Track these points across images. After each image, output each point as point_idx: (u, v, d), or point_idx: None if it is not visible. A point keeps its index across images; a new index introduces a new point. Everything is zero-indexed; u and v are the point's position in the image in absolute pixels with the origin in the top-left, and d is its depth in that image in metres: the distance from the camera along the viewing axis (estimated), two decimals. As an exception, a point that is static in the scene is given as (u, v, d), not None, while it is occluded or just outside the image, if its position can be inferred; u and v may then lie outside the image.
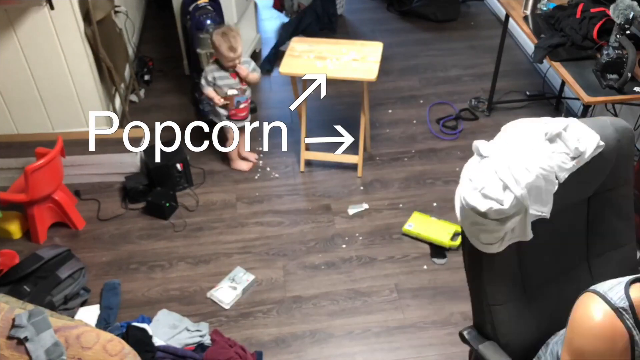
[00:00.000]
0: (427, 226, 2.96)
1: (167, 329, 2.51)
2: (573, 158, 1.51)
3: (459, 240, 2.91)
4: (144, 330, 2.38)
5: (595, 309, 1.31)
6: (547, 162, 1.48)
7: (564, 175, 1.50)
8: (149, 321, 2.55)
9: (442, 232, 2.92)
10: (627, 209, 1.71)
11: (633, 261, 1.79)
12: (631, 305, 1.31)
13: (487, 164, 1.49)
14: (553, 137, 1.51)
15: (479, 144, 1.55)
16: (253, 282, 2.77)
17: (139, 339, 2.31)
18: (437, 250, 2.89)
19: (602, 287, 1.36)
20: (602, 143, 1.54)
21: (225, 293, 2.72)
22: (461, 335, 1.76)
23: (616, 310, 1.30)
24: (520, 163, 1.45)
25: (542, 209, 1.49)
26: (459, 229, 2.95)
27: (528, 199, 1.44)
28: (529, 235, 1.51)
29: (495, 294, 1.61)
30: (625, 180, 1.67)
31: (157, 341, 2.40)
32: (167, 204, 3.08)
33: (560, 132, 1.51)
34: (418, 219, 3.00)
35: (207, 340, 2.48)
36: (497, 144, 1.53)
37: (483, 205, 1.44)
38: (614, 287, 1.35)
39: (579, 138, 1.52)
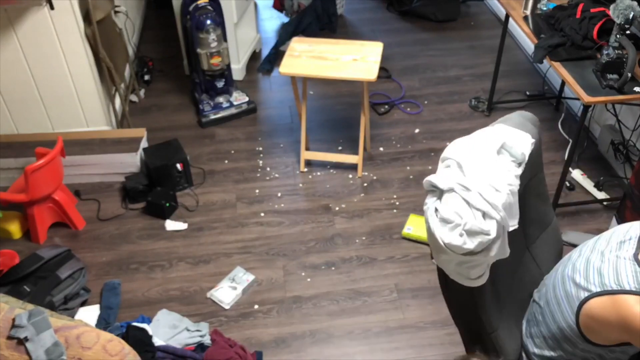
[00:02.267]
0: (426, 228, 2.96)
1: (167, 329, 2.51)
2: (519, 164, 1.51)
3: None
4: (144, 330, 2.38)
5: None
6: (509, 176, 1.45)
7: (518, 183, 1.48)
8: (149, 321, 2.55)
9: (442, 232, 2.92)
10: (545, 191, 1.77)
11: (558, 236, 1.88)
12: None
13: (454, 198, 1.40)
14: (499, 149, 1.49)
15: (433, 180, 1.46)
16: (253, 282, 2.77)
17: (139, 339, 2.31)
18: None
19: (614, 282, 1.37)
20: (533, 140, 1.56)
21: (225, 293, 2.72)
22: None
23: None
24: (488, 186, 1.40)
25: (514, 222, 1.46)
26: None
27: (506, 218, 1.41)
28: (508, 251, 1.47)
29: (491, 321, 1.60)
30: (541, 165, 1.71)
31: (157, 341, 2.40)
32: (167, 204, 3.08)
33: (505, 143, 1.49)
34: (415, 222, 3.00)
35: (207, 340, 2.48)
36: (452, 173, 1.45)
37: (471, 243, 1.36)
38: (622, 274, 1.36)
39: (518, 143, 1.52)
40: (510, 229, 1.44)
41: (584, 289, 1.43)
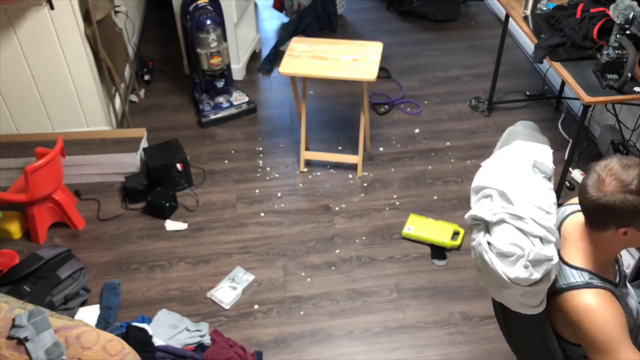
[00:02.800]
0: (426, 228, 2.96)
1: (167, 329, 2.51)
2: (549, 178, 1.48)
3: (459, 240, 2.91)
4: (144, 330, 2.38)
5: (585, 299, 1.37)
6: (551, 195, 1.42)
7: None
8: (149, 321, 2.55)
9: (441, 232, 2.92)
10: None
11: None
12: (588, 270, 1.41)
13: (506, 229, 1.35)
14: (533, 168, 1.46)
15: (478, 214, 1.40)
16: (253, 282, 2.77)
17: (139, 339, 2.31)
18: (438, 252, 2.89)
19: (561, 282, 1.40)
20: (552, 150, 1.54)
21: (225, 293, 2.72)
22: None
23: (588, 284, 1.39)
24: (538, 210, 1.36)
25: None
26: (458, 228, 2.96)
27: (559, 238, 1.38)
28: (557, 270, 1.44)
29: (553, 342, 1.57)
30: None
31: (157, 341, 2.40)
32: (167, 204, 3.08)
33: (535, 160, 1.47)
34: (415, 222, 3.00)
35: (207, 340, 2.48)
36: (497, 203, 1.40)
37: (538, 273, 1.32)
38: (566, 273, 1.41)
39: (545, 157, 1.49)
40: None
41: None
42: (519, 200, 1.37)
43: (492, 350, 2.48)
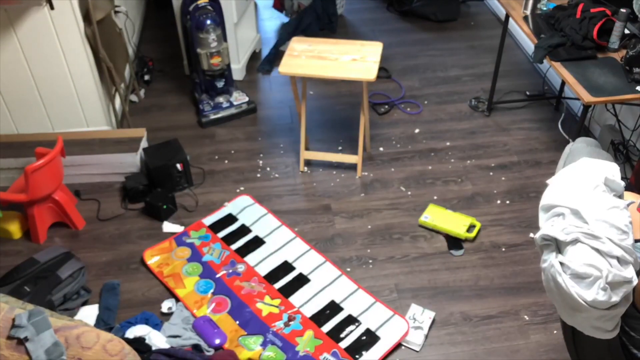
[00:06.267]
0: (443, 218, 2.97)
1: (181, 322, 2.52)
2: (619, 196, 1.41)
3: (474, 232, 2.93)
4: (141, 341, 2.37)
5: None
6: (625, 213, 1.35)
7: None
8: (151, 316, 2.55)
9: (458, 224, 2.94)
10: None
11: None
12: None
13: (581, 249, 1.29)
14: (605, 186, 1.40)
15: (550, 233, 1.33)
16: (253, 282, 2.77)
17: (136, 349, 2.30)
18: (454, 242, 2.89)
19: None
20: (618, 167, 1.47)
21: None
22: None
23: None
24: (615, 229, 1.29)
25: None
26: (474, 222, 2.97)
27: (638, 259, 1.32)
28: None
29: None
30: None
31: (159, 342, 2.40)
32: (165, 206, 3.06)
33: (606, 178, 1.40)
34: (434, 211, 3.02)
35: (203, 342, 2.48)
36: (570, 222, 1.33)
37: (617, 296, 1.26)
38: None
39: (614, 175, 1.43)
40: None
41: None
42: (593, 219, 1.31)
43: (492, 350, 2.48)
